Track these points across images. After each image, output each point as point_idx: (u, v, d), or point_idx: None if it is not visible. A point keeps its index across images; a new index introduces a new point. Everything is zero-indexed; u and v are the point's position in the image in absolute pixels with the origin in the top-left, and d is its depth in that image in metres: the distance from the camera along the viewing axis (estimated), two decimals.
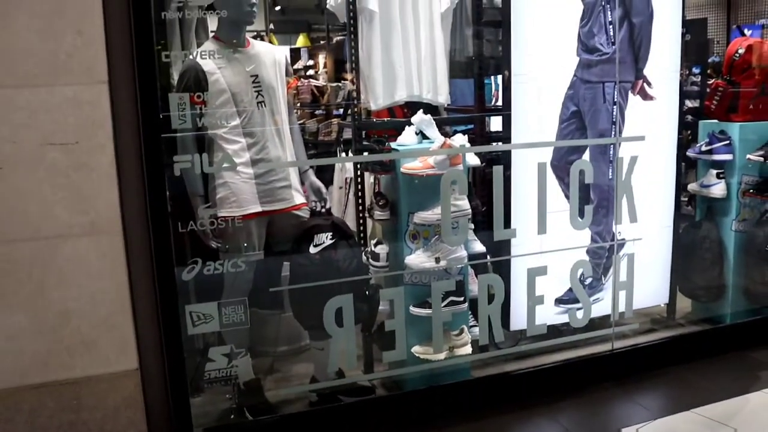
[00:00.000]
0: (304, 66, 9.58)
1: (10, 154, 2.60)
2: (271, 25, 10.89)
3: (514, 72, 3.53)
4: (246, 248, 3.17)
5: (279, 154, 3.21)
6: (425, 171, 3.19)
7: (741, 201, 4.28)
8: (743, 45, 4.34)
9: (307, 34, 11.54)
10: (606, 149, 3.74)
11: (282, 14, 11.35)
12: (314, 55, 9.88)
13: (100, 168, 2.71)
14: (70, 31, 2.64)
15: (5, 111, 2.58)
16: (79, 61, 2.66)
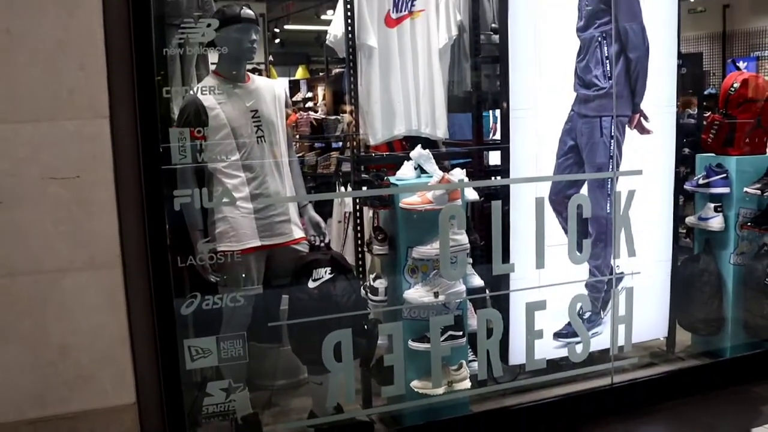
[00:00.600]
0: (303, 98, 9.66)
1: (12, 188, 2.61)
2: (271, 57, 10.99)
3: (512, 107, 3.57)
4: (245, 282, 3.17)
5: (278, 189, 3.23)
6: (424, 206, 3.21)
7: (739, 234, 4.29)
8: (738, 79, 4.38)
9: (306, 66, 11.65)
10: (604, 183, 3.76)
11: (281, 46, 11.47)
12: (313, 86, 9.95)
13: (100, 202, 2.72)
14: (73, 67, 2.66)
15: (8, 145, 2.59)
16: (81, 97, 2.68)
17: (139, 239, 2.79)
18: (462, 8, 3.92)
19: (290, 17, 11.00)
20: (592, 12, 3.69)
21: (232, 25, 3.11)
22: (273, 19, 10.92)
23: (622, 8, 3.73)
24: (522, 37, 3.59)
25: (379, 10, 3.63)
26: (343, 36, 3.51)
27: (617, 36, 3.72)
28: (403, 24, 3.69)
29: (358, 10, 3.54)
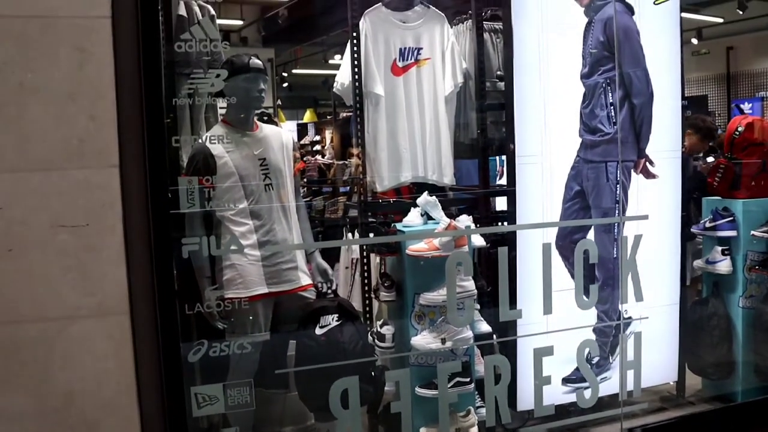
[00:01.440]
0: (311, 141, 9.75)
1: (21, 236, 2.62)
2: (279, 100, 11.13)
3: (518, 153, 3.60)
4: (252, 329, 3.18)
5: (286, 236, 3.25)
6: (431, 253, 3.22)
7: (747, 277, 4.28)
8: (743, 123, 4.42)
9: (313, 109, 11.78)
10: (610, 228, 3.77)
11: (290, 90, 11.60)
12: (321, 130, 10.05)
13: (109, 250, 2.73)
14: (83, 117, 2.69)
15: (18, 194, 2.61)
16: (91, 146, 2.70)
17: (147, 286, 2.80)
18: (467, 56, 3.98)
19: (298, 61, 11.16)
20: (596, 59, 3.74)
21: (240, 75, 3.16)
22: (281, 64, 11.09)
23: (626, 55, 3.78)
24: (527, 84, 3.63)
25: (385, 59, 3.69)
26: (350, 84, 3.56)
27: (621, 82, 3.76)
28: (410, 72, 3.75)
29: (365, 58, 3.60)
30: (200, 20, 3.28)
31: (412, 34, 3.80)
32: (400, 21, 3.79)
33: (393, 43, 3.76)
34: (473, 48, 4.00)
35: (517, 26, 3.63)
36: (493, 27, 4.17)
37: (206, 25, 3.05)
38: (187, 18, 3.46)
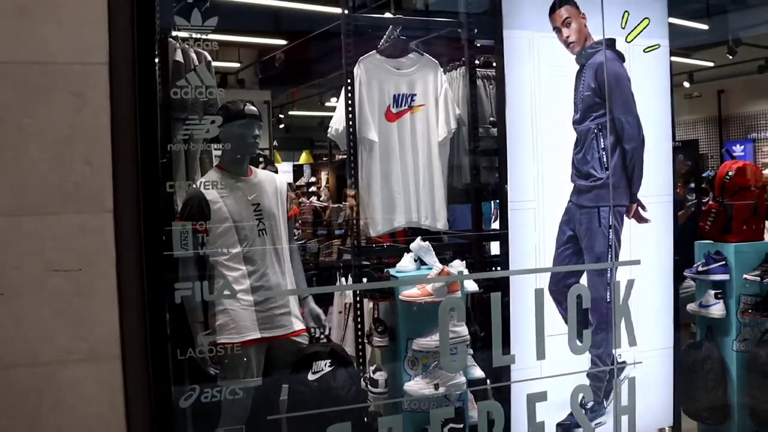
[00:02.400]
0: (307, 182, 9.80)
1: (13, 280, 2.62)
2: (275, 141, 11.20)
3: (510, 198, 3.62)
4: (244, 375, 3.17)
5: (279, 281, 3.26)
6: (423, 298, 3.23)
7: (741, 321, 4.29)
8: (733, 167, 4.46)
9: (309, 151, 11.86)
10: (603, 272, 3.77)
11: (286, 131, 11.69)
12: (317, 171, 10.12)
13: (102, 294, 2.73)
14: (79, 161, 2.71)
15: (12, 238, 2.62)
16: (87, 191, 2.71)
17: (140, 331, 2.79)
18: (461, 102, 4.04)
19: (295, 103, 11.27)
20: (588, 105, 3.78)
21: (235, 121, 3.20)
22: (278, 105, 11.19)
23: (617, 101, 3.83)
24: (519, 130, 3.67)
25: (379, 105, 3.74)
26: (345, 129, 3.60)
27: (613, 128, 3.80)
28: (403, 118, 3.80)
29: (359, 104, 3.65)
30: (196, 67, 3.31)
31: (406, 81, 3.86)
32: (394, 68, 3.85)
33: (387, 89, 3.82)
34: (466, 94, 4.06)
35: (509, 73, 3.67)
36: (486, 74, 4.23)
37: (202, 71, 3.08)
38: (183, 64, 3.50)
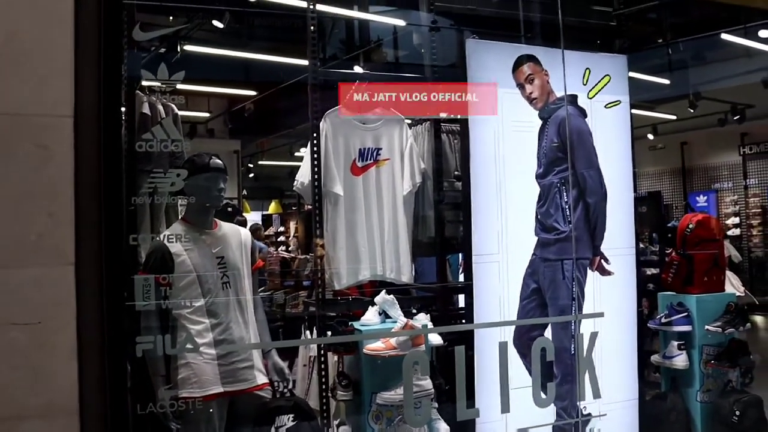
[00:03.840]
0: (276, 232, 9.79)
1: None
2: (245, 191, 11.21)
3: (475, 251, 3.65)
4: (206, 430, 3.11)
5: (242, 335, 3.23)
6: (387, 352, 3.22)
7: (704, 371, 4.33)
8: (693, 220, 4.56)
9: (279, 200, 11.87)
10: (567, 325, 3.80)
11: (255, 181, 11.71)
12: (286, 221, 10.12)
13: (60, 347, 2.69)
14: (42, 214, 2.69)
15: None
16: (48, 243, 2.69)
17: (99, 386, 2.74)
18: (426, 156, 4.08)
19: (264, 153, 11.31)
20: (551, 160, 3.85)
21: (201, 174, 3.20)
22: (247, 155, 11.23)
23: (579, 156, 3.90)
24: (484, 184, 3.72)
25: (345, 159, 3.78)
26: (310, 183, 3.62)
27: (575, 182, 3.87)
28: (369, 172, 3.84)
29: (324, 158, 3.68)
30: (162, 120, 3.33)
31: (371, 135, 3.90)
32: (359, 122, 3.90)
33: (353, 143, 3.86)
34: (431, 148, 4.11)
35: (473, 128, 3.74)
36: (451, 128, 4.29)
37: (168, 125, 3.10)
38: (150, 116, 3.51)
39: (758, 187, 12.16)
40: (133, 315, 2.84)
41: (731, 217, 12.51)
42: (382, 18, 6.59)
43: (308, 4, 3.94)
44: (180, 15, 6.56)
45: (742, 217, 12.43)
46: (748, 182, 12.26)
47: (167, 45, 5.75)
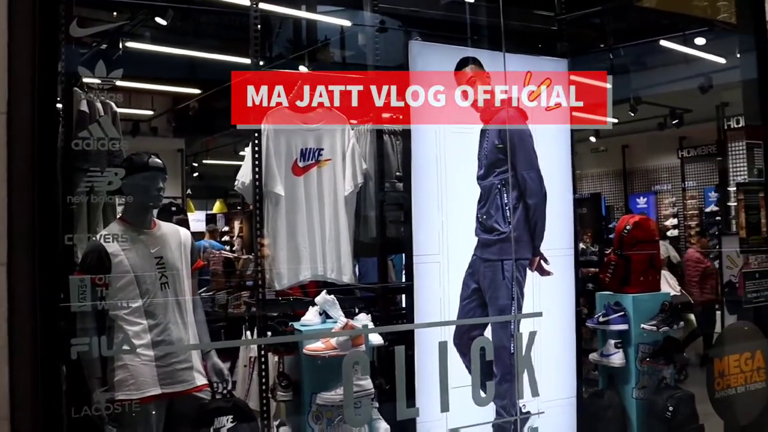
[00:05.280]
0: (220, 231, 9.69)
1: None
2: (189, 190, 11.06)
3: (416, 252, 3.67)
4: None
5: (181, 336, 3.20)
6: (327, 352, 3.23)
7: (639, 369, 4.44)
8: (630, 222, 4.66)
9: (223, 200, 11.75)
10: (507, 324, 3.85)
11: (199, 180, 11.56)
12: (230, 220, 10.03)
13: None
14: None
15: None
16: None
17: (32, 389, 2.69)
18: (367, 157, 4.09)
19: (209, 152, 11.18)
20: (492, 161, 3.90)
21: (139, 173, 3.16)
22: (192, 154, 11.09)
23: (520, 158, 3.96)
24: (425, 185, 3.75)
25: (286, 159, 3.77)
26: (251, 183, 3.60)
27: (516, 183, 3.92)
28: (310, 172, 3.83)
29: (266, 158, 3.66)
30: (100, 118, 3.28)
31: (313, 135, 3.90)
32: (302, 122, 3.89)
33: (294, 143, 3.85)
34: (373, 149, 4.12)
35: (415, 128, 3.76)
36: (393, 129, 4.31)
37: (105, 123, 3.06)
38: (88, 114, 3.45)
39: (696, 189, 12.49)
40: (69, 316, 2.79)
41: (670, 218, 12.82)
42: (327, 18, 6.58)
43: (251, 3, 3.92)
44: (122, 11, 6.46)
45: (680, 218, 12.75)
46: (686, 185, 12.58)
47: (108, 42, 5.64)
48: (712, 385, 4.30)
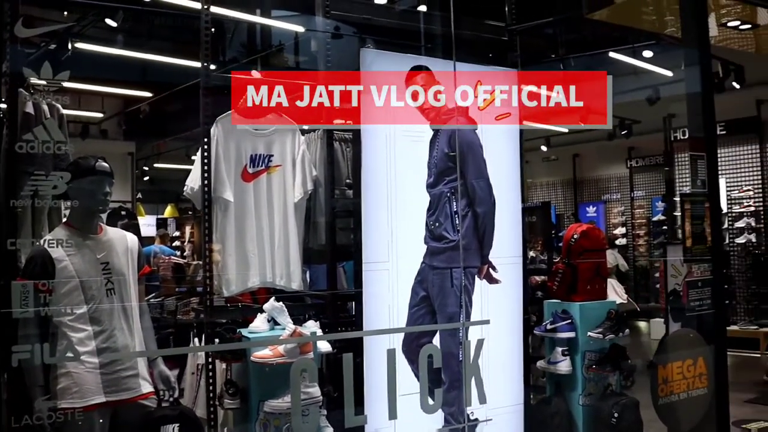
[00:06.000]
0: (171, 236, 9.59)
1: None
2: (139, 194, 10.93)
3: (365, 259, 3.68)
4: None
5: (127, 342, 3.15)
6: (275, 359, 3.22)
7: (586, 376, 4.51)
8: (578, 231, 4.73)
9: (175, 204, 11.62)
10: (455, 332, 3.88)
11: (151, 184, 11.43)
12: (182, 225, 9.93)
13: None
14: None
15: None
16: None
17: None
18: (318, 164, 4.10)
19: (160, 156, 11.07)
20: (441, 170, 3.93)
21: (86, 177, 3.11)
22: (143, 158, 10.97)
23: (469, 166, 4.00)
24: (375, 192, 3.76)
25: (236, 165, 3.75)
26: (200, 189, 3.58)
27: (465, 192, 3.96)
28: (260, 179, 3.82)
29: (215, 164, 3.64)
30: (45, 121, 3.22)
31: (263, 142, 3.89)
32: (252, 128, 3.88)
33: (244, 149, 3.84)
34: (324, 156, 4.12)
35: (365, 136, 3.77)
36: (343, 136, 4.32)
37: (51, 126, 3.01)
38: (33, 116, 3.39)
39: (644, 199, 12.75)
40: (10, 323, 2.74)
41: (618, 227, 13.06)
42: (279, 23, 6.57)
43: (203, 6, 3.89)
44: (71, 12, 6.37)
45: (628, 227, 13.00)
46: (634, 194, 12.83)
47: (56, 42, 5.55)
48: (656, 392, 4.40)
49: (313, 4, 4.42)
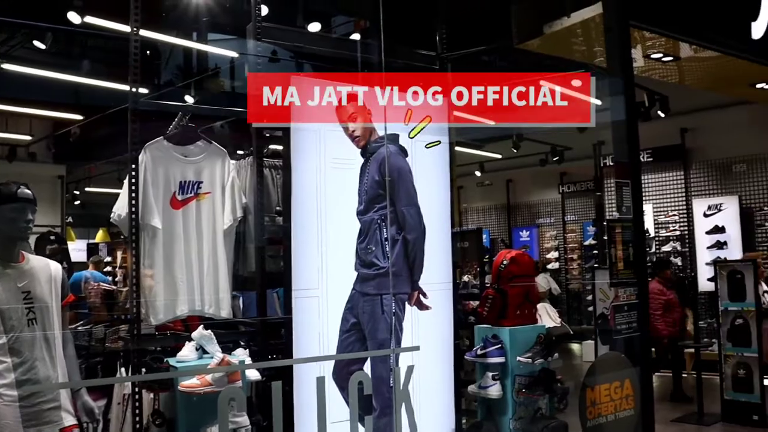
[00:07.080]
0: (102, 262, 9.39)
1: None
2: (70, 218, 10.70)
3: (295, 287, 3.67)
4: None
5: (49, 374, 3.06)
6: (203, 389, 3.18)
7: (516, 400, 4.56)
8: (507, 257, 4.81)
9: (106, 229, 11.39)
10: (386, 358, 3.90)
11: (81, 208, 11.20)
12: (113, 250, 9.74)
13: None
14: None
15: None
16: None
17: None
18: (247, 191, 4.08)
19: (92, 179, 10.87)
20: (372, 197, 3.96)
21: (6, 204, 3.04)
22: (73, 181, 10.75)
23: (399, 194, 4.04)
24: (305, 219, 3.77)
25: (164, 192, 3.72)
26: (128, 215, 3.53)
27: (395, 219, 3.99)
28: (189, 206, 3.80)
29: (143, 191, 3.60)
30: None
31: (193, 168, 3.87)
32: (181, 155, 3.86)
33: (173, 176, 3.81)
34: (253, 183, 4.11)
35: (296, 163, 3.78)
36: (274, 163, 4.32)
37: None
38: None
39: (576, 223, 13.02)
40: None
41: (551, 251, 13.31)
42: (210, 48, 6.56)
43: (132, 29, 3.86)
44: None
45: (561, 251, 13.25)
46: (566, 218, 13.09)
47: None
48: (585, 414, 4.47)
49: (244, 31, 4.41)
